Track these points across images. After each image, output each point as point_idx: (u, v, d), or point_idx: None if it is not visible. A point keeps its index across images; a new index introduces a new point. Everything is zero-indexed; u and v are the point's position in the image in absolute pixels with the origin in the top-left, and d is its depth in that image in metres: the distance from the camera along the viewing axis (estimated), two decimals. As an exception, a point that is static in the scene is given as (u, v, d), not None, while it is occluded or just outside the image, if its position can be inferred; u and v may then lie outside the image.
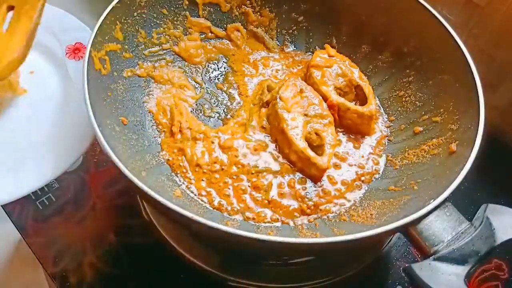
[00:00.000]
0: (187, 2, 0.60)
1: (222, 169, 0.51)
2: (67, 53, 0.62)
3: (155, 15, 0.58)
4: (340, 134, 0.55)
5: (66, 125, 0.56)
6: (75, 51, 0.61)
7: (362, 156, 0.54)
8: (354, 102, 0.56)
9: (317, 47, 0.63)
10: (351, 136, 0.55)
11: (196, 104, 0.57)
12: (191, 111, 0.56)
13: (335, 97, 0.54)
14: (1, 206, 0.54)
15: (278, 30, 0.64)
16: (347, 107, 0.54)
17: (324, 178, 0.51)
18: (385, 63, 0.60)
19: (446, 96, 0.52)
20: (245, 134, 0.54)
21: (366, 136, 0.55)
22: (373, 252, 0.53)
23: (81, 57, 0.60)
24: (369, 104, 0.54)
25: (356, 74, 0.56)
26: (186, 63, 0.61)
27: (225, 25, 0.63)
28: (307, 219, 0.48)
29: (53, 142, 0.55)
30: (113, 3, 0.52)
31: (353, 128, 0.55)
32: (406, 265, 0.41)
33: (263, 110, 0.56)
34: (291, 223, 0.48)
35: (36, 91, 0.60)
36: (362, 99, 0.56)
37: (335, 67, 0.57)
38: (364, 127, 0.55)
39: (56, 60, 0.62)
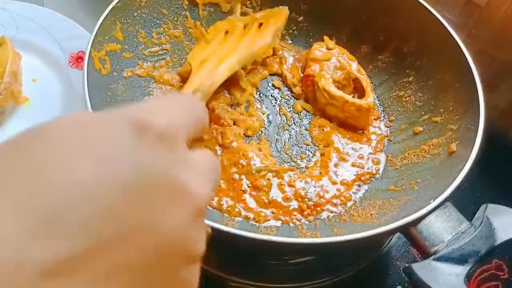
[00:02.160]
0: (187, 2, 0.60)
1: (222, 169, 0.51)
2: (70, 62, 0.62)
3: (155, 15, 0.58)
4: (340, 134, 0.55)
5: None
6: (78, 59, 0.61)
7: (362, 156, 0.54)
8: (352, 95, 0.56)
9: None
10: (351, 136, 0.55)
11: (196, 104, 0.57)
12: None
13: (333, 90, 0.54)
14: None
15: (278, 30, 0.64)
16: (345, 100, 0.54)
17: (324, 178, 0.51)
18: (385, 63, 0.60)
19: (446, 96, 0.52)
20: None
21: (366, 136, 0.55)
22: (373, 252, 0.53)
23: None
24: (367, 97, 0.54)
25: (354, 67, 0.56)
26: (186, 63, 0.61)
27: (225, 25, 0.63)
28: (307, 219, 0.48)
29: None
30: (113, 3, 0.52)
31: (350, 121, 0.55)
32: (406, 265, 0.41)
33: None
34: (291, 223, 0.48)
35: (38, 100, 0.59)
36: (360, 92, 0.56)
37: (333, 60, 0.57)
38: (362, 120, 0.55)
39: (59, 68, 0.62)
